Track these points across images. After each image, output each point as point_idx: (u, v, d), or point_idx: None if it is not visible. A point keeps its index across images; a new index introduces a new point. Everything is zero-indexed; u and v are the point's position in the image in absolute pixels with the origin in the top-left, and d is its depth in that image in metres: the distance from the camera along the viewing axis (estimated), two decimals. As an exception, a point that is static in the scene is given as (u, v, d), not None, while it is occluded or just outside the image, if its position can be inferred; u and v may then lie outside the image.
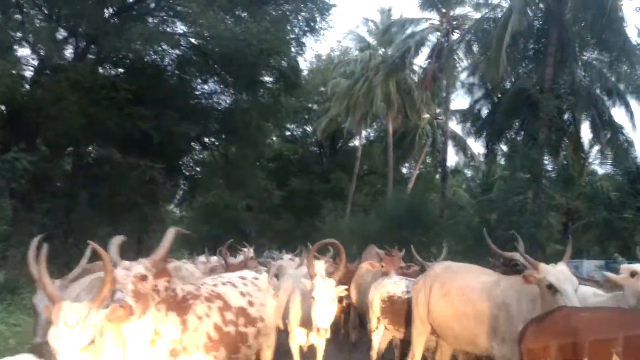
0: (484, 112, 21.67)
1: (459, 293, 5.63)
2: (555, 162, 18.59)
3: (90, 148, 18.26)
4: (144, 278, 4.06)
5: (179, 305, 4.38)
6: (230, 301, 4.85)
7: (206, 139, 22.49)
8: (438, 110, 32.44)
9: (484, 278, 5.65)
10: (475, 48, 20.22)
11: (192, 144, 21.46)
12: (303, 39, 18.91)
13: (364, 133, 34.36)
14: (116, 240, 4.55)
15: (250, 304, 5.07)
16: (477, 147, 30.94)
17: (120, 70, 19.24)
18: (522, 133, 19.63)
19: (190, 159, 23.07)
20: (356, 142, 35.61)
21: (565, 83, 17.48)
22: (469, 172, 37.35)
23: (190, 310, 4.41)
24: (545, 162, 18.16)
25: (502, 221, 15.58)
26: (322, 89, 35.97)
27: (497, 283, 5.41)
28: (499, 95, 20.48)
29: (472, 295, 5.46)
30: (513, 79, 19.44)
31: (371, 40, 32.28)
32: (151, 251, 8.26)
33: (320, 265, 7.06)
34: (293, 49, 18.85)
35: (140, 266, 4.11)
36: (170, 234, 4.50)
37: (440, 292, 5.85)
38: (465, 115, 22.77)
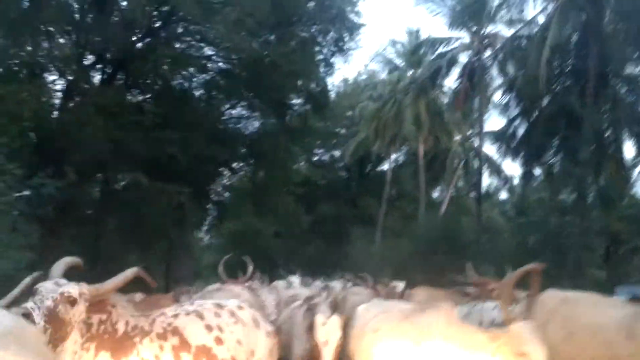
0: (520, 131, 20.91)
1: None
2: (597, 182, 17.65)
3: (117, 174, 18.02)
4: (72, 301, 3.34)
5: (118, 343, 3.54)
6: (189, 338, 3.85)
7: (234, 164, 22.20)
8: (470, 132, 31.69)
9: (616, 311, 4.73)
10: (509, 66, 19.59)
11: (220, 169, 21.17)
12: (332, 60, 18.53)
13: (392, 157, 33.71)
14: (66, 260, 3.97)
15: (219, 341, 3.93)
16: (511, 169, 30.08)
17: (148, 95, 19.13)
18: (561, 153, 18.79)
19: (219, 184, 22.74)
20: (385, 166, 34.96)
21: (607, 98, 16.68)
22: (502, 196, 36.40)
23: (132, 350, 3.56)
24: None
25: (547, 244, 14.69)
26: (350, 113, 35.57)
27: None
28: (536, 114, 19.73)
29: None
30: (550, 97, 18.67)
31: (399, 62, 31.84)
32: (179, 279, 7.83)
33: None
34: (321, 70, 18.50)
35: (74, 287, 3.42)
36: (130, 272, 3.94)
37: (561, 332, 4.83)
38: (500, 136, 22.00)
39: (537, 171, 22.83)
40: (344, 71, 73.48)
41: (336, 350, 4.93)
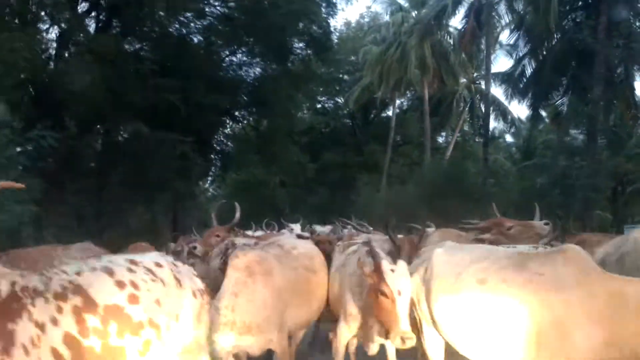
0: (528, 71, 20.35)
1: None
2: (607, 121, 17.23)
3: (118, 124, 17.74)
4: None
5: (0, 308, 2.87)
6: (96, 297, 3.15)
7: (236, 112, 21.85)
8: (475, 74, 31.00)
9: None
10: (519, 1, 18.84)
11: (222, 117, 20.85)
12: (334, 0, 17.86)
13: (397, 102, 33.16)
14: None
15: (133, 299, 3.25)
16: (518, 111, 29.59)
17: (145, 42, 18.63)
18: (570, 92, 18.31)
19: (222, 134, 22.45)
20: (389, 112, 34.46)
21: (620, 34, 16.05)
22: (508, 139, 36.01)
23: (22, 315, 2.89)
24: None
25: (555, 186, 14.46)
26: (353, 58, 34.79)
27: None
28: (545, 52, 19.12)
29: None
30: (561, 34, 18.03)
31: (403, 2, 30.86)
32: (186, 229, 7.54)
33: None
34: (323, 11, 17.87)
35: None
36: None
37: None
38: (508, 76, 21.44)
39: (545, 112, 22.51)
40: (346, 14, 71.78)
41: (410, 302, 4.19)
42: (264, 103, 20.23)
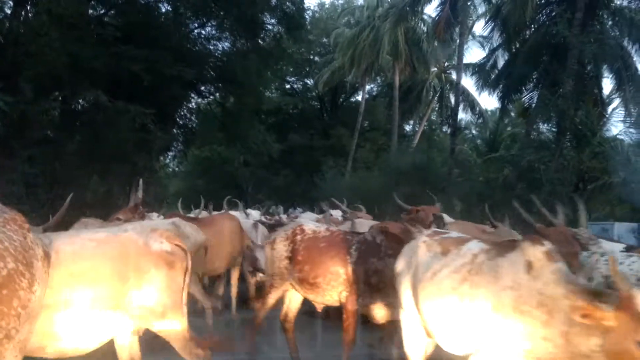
0: (500, 63, 20.34)
1: None
2: (575, 116, 17.32)
3: (77, 92, 16.91)
4: None
5: None
6: None
7: (202, 87, 21.16)
8: (447, 64, 30.98)
9: None
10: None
11: (187, 91, 20.13)
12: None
13: (367, 88, 32.95)
14: None
15: None
16: (485, 103, 29.66)
17: (109, 7, 17.78)
18: (540, 86, 18.31)
19: (186, 108, 21.74)
20: (359, 97, 34.28)
21: (593, 31, 16.08)
22: (474, 131, 36.25)
23: None
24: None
25: (521, 179, 14.45)
26: (325, 40, 34.36)
27: None
28: (517, 46, 19.09)
29: None
30: (535, 27, 18.00)
31: (379, -16, 30.49)
32: (144, 205, 7.04)
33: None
34: (297, -14, 17.34)
35: None
36: None
37: None
38: (480, 67, 21.41)
39: (512, 106, 22.56)
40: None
41: None
42: (232, 79, 19.62)
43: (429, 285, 3.91)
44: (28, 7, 15.08)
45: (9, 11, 15.47)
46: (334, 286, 5.57)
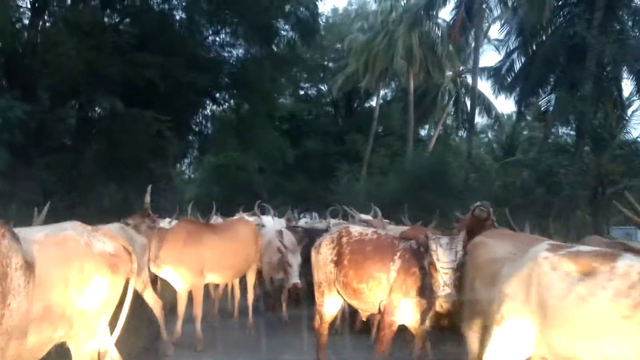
0: (517, 66, 20.12)
1: None
2: (594, 119, 17.05)
3: (93, 99, 17.04)
4: None
5: None
6: None
7: (217, 94, 21.24)
8: (462, 68, 30.76)
9: None
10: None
11: (202, 98, 20.22)
12: (323, -21, 17.28)
13: (381, 93, 32.84)
14: None
15: None
16: (501, 107, 29.41)
17: (125, 16, 17.92)
18: (558, 89, 18.07)
19: (201, 115, 21.82)
20: (373, 102, 34.20)
21: (613, 31, 15.83)
22: (490, 135, 35.96)
23: None
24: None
25: (540, 183, 14.22)
26: (339, 45, 34.35)
27: None
28: (534, 48, 18.88)
29: None
30: (553, 28, 17.78)
31: (392, -11, 30.42)
32: (159, 212, 6.99)
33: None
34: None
35: None
36: None
37: None
38: (496, 70, 21.21)
39: (528, 109, 22.29)
40: (334, 0, 71.16)
41: None
42: (246, 85, 19.66)
43: (579, 314, 3.31)
44: (45, 17, 15.21)
45: (27, 21, 15.67)
46: (375, 293, 5.32)
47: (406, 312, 5.14)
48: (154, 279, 9.15)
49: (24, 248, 3.40)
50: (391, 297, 5.18)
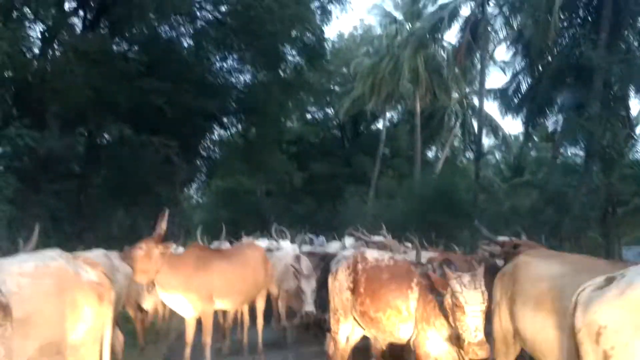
0: (523, 87, 20.15)
1: None
2: (603, 139, 16.99)
3: (102, 126, 17.18)
4: None
5: None
6: None
7: (224, 119, 21.39)
8: (468, 90, 30.85)
9: None
10: (516, 18, 18.63)
11: (210, 123, 20.37)
12: (328, 6, 17.48)
13: (387, 115, 32.96)
14: None
15: None
16: (509, 128, 29.30)
17: (133, 43, 18.18)
18: (565, 109, 18.03)
19: (208, 139, 21.95)
20: (379, 125, 34.25)
21: (619, 51, 15.84)
22: (498, 156, 35.88)
23: None
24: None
25: (549, 204, 14.11)
26: (345, 70, 34.60)
27: None
28: (540, 69, 18.93)
29: None
30: (559, 49, 17.84)
31: (397, 14, 30.68)
32: (168, 237, 6.86)
33: None
34: (317, 17, 17.49)
35: None
36: None
37: None
38: (503, 92, 21.23)
39: (535, 130, 22.24)
40: (340, 25, 72.05)
41: None
42: (253, 110, 19.81)
43: None
44: (55, 46, 15.41)
45: (37, 51, 15.89)
46: (394, 323, 5.05)
47: (436, 342, 4.80)
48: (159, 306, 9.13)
49: None
50: (417, 328, 4.88)
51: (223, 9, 17.91)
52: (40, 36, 15.61)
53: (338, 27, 68.88)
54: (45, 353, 3.43)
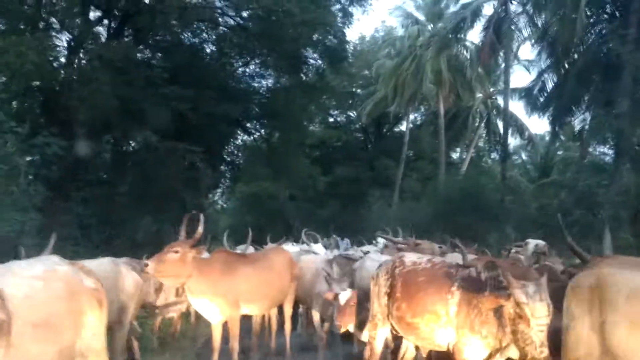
0: (549, 85, 19.81)
1: None
2: (633, 136, 16.54)
3: (127, 133, 17.37)
4: None
5: None
6: None
7: (248, 124, 21.48)
8: (492, 89, 30.48)
9: None
10: (540, 15, 18.31)
11: (233, 128, 20.48)
12: (349, 9, 17.42)
13: (410, 117, 32.73)
14: None
15: None
16: (534, 127, 28.89)
17: (156, 50, 18.38)
18: (593, 107, 17.66)
19: (232, 145, 22.07)
20: (402, 127, 34.05)
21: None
22: (524, 156, 35.40)
23: None
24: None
25: (579, 204, 13.81)
26: (366, 72, 34.48)
27: None
28: (566, 66, 18.57)
29: None
30: (585, 46, 17.49)
31: (419, 15, 30.53)
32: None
33: None
34: (339, 20, 17.44)
35: None
36: None
37: None
38: (528, 90, 20.89)
39: (561, 129, 21.83)
40: (361, 28, 71.86)
41: None
42: (276, 114, 19.85)
43: None
44: (81, 54, 15.63)
45: (63, 60, 16.15)
46: (433, 329, 4.82)
47: (477, 350, 4.58)
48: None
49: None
50: (458, 334, 4.65)
51: (245, 14, 17.95)
52: (66, 45, 15.91)
53: (359, 29, 68.82)
54: (64, 358, 3.40)
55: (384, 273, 5.39)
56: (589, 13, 16.50)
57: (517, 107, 31.82)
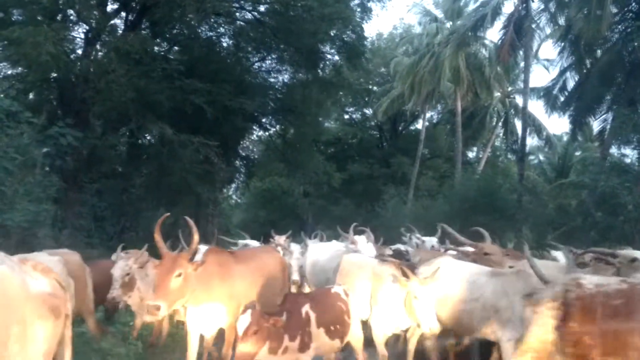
0: (570, 84, 19.46)
1: None
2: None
3: (143, 125, 17.35)
4: None
5: None
6: None
7: (263, 119, 21.37)
8: (510, 88, 30.06)
9: None
10: (563, 13, 17.94)
11: (249, 123, 20.37)
12: (368, 4, 17.21)
13: (426, 115, 32.41)
14: None
15: None
16: (552, 127, 28.41)
17: (173, 44, 18.34)
18: (615, 107, 17.28)
19: (247, 140, 21.98)
20: (418, 125, 33.73)
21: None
22: (541, 156, 34.93)
23: None
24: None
25: (600, 205, 13.50)
26: (383, 69, 34.22)
27: None
28: (589, 65, 18.21)
29: None
30: (608, 45, 17.12)
31: (438, 12, 30.18)
32: (207, 236, 6.28)
33: None
34: (357, 15, 17.24)
35: None
36: None
37: None
38: (547, 90, 20.53)
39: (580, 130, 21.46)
40: (379, 25, 71.46)
41: None
42: (292, 110, 19.73)
43: None
44: (97, 47, 15.62)
45: (80, 52, 16.17)
46: None
47: None
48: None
49: None
50: None
51: (262, 8, 17.84)
52: (83, 37, 15.92)
53: (377, 26, 68.54)
54: None
55: (550, 300, 4.25)
56: (614, 10, 16.13)
57: (535, 106, 31.42)
